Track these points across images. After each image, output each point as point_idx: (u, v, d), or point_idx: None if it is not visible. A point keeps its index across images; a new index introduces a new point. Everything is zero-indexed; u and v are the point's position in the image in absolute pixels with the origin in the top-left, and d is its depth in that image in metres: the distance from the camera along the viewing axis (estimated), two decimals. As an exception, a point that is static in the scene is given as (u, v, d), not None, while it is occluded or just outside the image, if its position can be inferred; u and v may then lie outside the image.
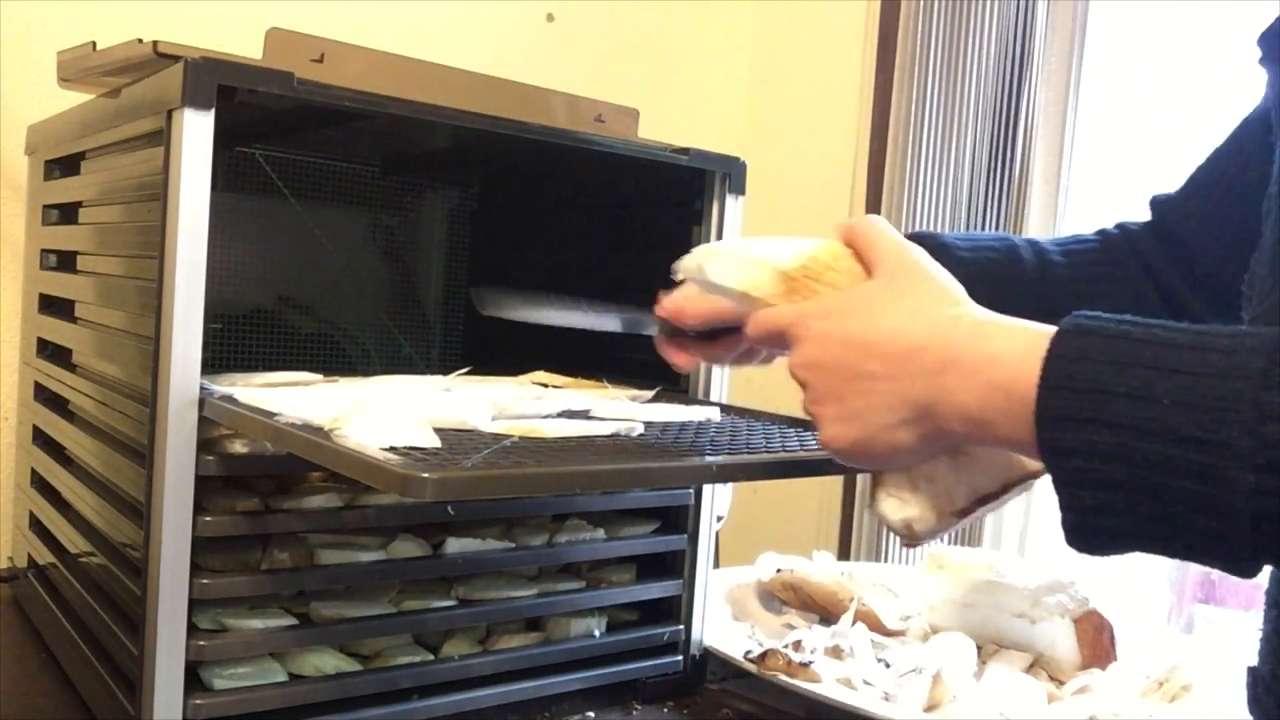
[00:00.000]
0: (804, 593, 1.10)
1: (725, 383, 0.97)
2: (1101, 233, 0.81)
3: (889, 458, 0.56)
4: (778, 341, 0.60)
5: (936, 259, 0.68)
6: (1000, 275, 0.76)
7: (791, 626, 1.07)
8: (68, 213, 0.94)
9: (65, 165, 0.96)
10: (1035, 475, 0.60)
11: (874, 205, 1.46)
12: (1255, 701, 0.66)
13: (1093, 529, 0.47)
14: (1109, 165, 1.39)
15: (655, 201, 1.03)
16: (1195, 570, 1.42)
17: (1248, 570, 0.45)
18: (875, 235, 0.60)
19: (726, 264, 0.63)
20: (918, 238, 0.73)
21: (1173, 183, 0.80)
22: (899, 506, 0.59)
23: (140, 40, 0.72)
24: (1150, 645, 1.04)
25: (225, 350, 1.13)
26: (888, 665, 0.97)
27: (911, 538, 0.60)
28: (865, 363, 0.55)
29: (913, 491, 0.59)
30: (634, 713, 0.91)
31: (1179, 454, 0.44)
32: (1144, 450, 0.44)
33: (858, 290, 0.58)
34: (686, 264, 0.66)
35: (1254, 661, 0.67)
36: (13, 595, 1.03)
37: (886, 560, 1.44)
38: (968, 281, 0.66)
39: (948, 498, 0.59)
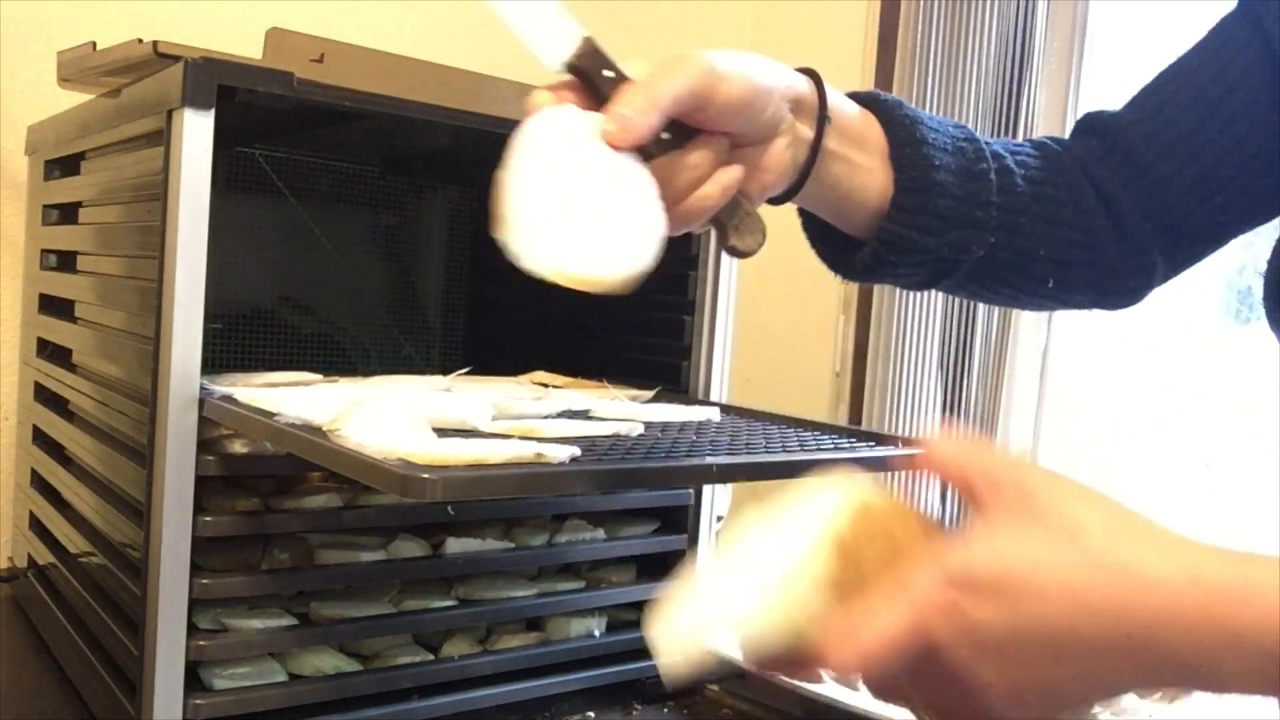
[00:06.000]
0: (804, 593, 1.10)
1: (725, 383, 0.97)
2: (1039, 146, 0.69)
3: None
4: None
5: (903, 135, 0.62)
6: (970, 170, 0.64)
7: (791, 626, 1.07)
8: (68, 213, 0.94)
9: (65, 165, 0.96)
10: None
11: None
12: None
13: None
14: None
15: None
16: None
17: None
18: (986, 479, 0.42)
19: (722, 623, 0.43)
20: (869, 99, 0.65)
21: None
22: None
23: (140, 40, 0.72)
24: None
25: (225, 350, 1.13)
26: (888, 665, 0.97)
27: None
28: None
29: None
30: (634, 713, 0.91)
31: None
32: None
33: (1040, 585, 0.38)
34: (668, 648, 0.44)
35: None
36: (13, 595, 1.03)
37: (886, 560, 1.43)
38: (940, 170, 0.61)
39: None
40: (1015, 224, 0.65)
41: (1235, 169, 0.64)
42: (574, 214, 0.53)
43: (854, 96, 0.65)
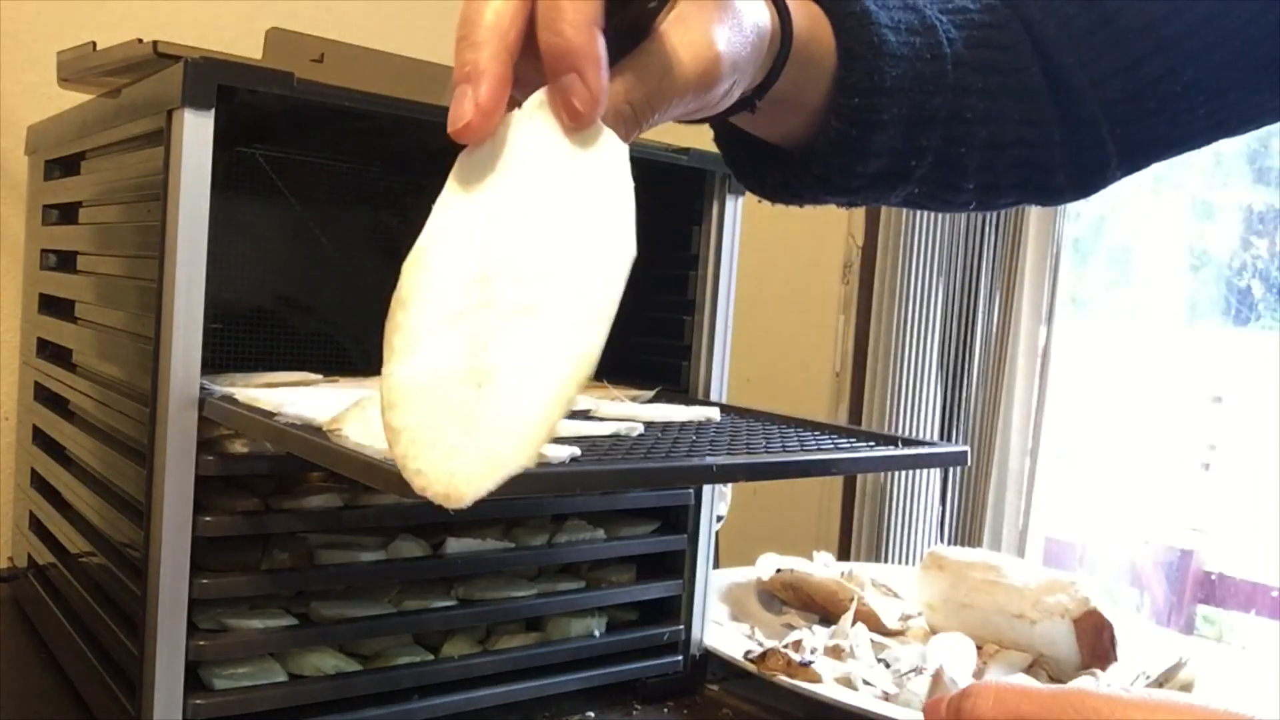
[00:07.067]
0: (804, 593, 1.10)
1: (725, 383, 0.97)
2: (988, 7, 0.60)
3: None
4: None
5: (852, 39, 0.52)
6: (915, 98, 0.55)
7: (791, 626, 1.07)
8: (68, 213, 0.94)
9: (65, 165, 0.96)
10: None
11: (873, 205, 1.46)
12: None
13: None
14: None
15: (654, 201, 1.03)
16: (1195, 570, 1.42)
17: None
18: None
19: None
20: (843, 30, 0.54)
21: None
22: None
23: (140, 40, 0.72)
24: (1150, 645, 1.04)
25: (225, 350, 1.13)
26: (888, 665, 0.97)
27: None
28: None
29: None
30: (634, 713, 0.91)
31: None
32: None
33: None
34: None
35: None
36: (13, 595, 1.03)
37: (886, 560, 1.44)
38: (876, 111, 0.53)
39: None
40: (965, 108, 0.56)
41: (1222, 62, 0.57)
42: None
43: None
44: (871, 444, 0.78)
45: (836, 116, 0.54)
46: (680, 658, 0.96)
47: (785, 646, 0.94)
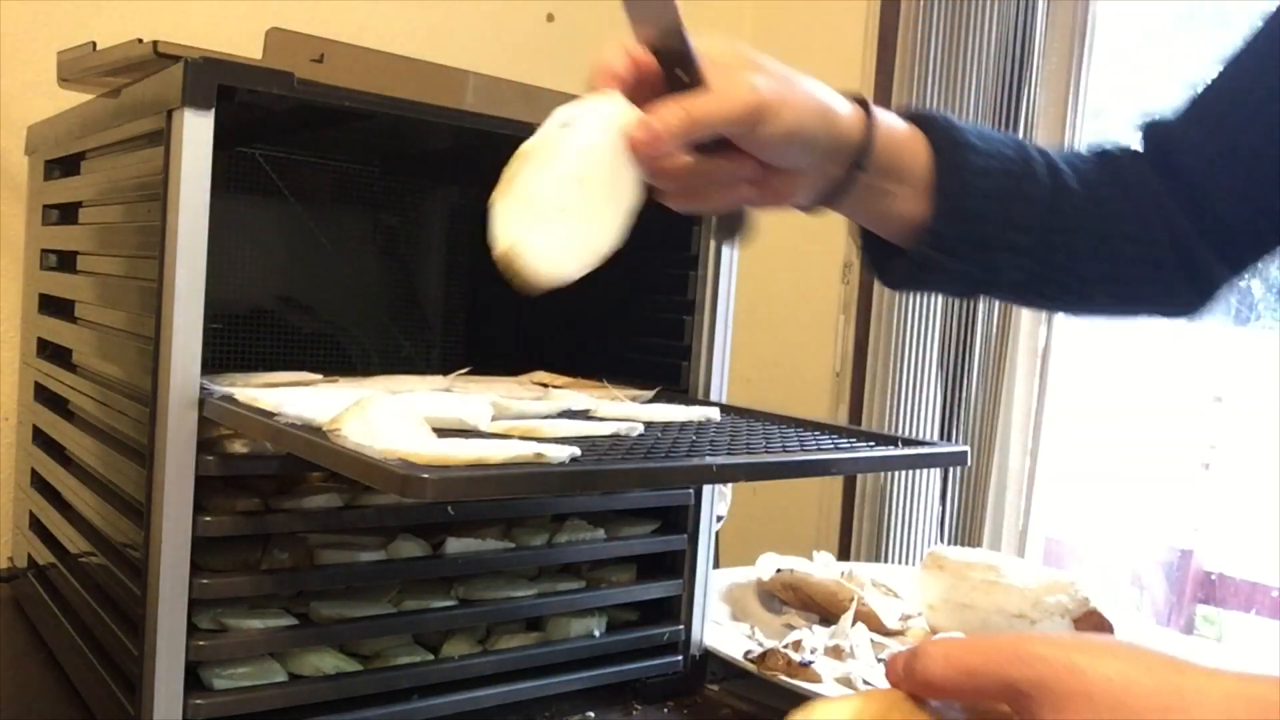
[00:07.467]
0: (804, 593, 1.10)
1: (725, 383, 0.97)
2: (1102, 155, 0.69)
3: None
4: None
5: (946, 161, 0.62)
6: (1013, 195, 0.64)
7: (791, 626, 1.07)
8: (68, 213, 0.94)
9: (65, 165, 0.96)
10: None
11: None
12: None
13: None
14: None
15: (655, 201, 1.03)
16: (1195, 570, 1.42)
17: None
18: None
19: None
20: (922, 119, 0.65)
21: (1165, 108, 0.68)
22: None
23: (140, 40, 0.72)
24: (1150, 645, 1.04)
25: (225, 350, 1.13)
26: (888, 665, 0.96)
27: None
28: None
29: None
30: (634, 713, 0.91)
31: None
32: None
33: None
34: None
35: None
36: (13, 595, 1.03)
37: (886, 560, 1.44)
38: (979, 197, 0.61)
39: None
40: (1061, 243, 0.65)
41: None
42: (550, 208, 0.56)
43: (905, 114, 0.65)
44: (871, 444, 0.78)
45: (928, 230, 0.63)
46: (680, 658, 0.96)
47: (785, 646, 0.94)
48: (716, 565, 1.08)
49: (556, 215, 0.55)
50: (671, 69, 0.56)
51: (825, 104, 0.59)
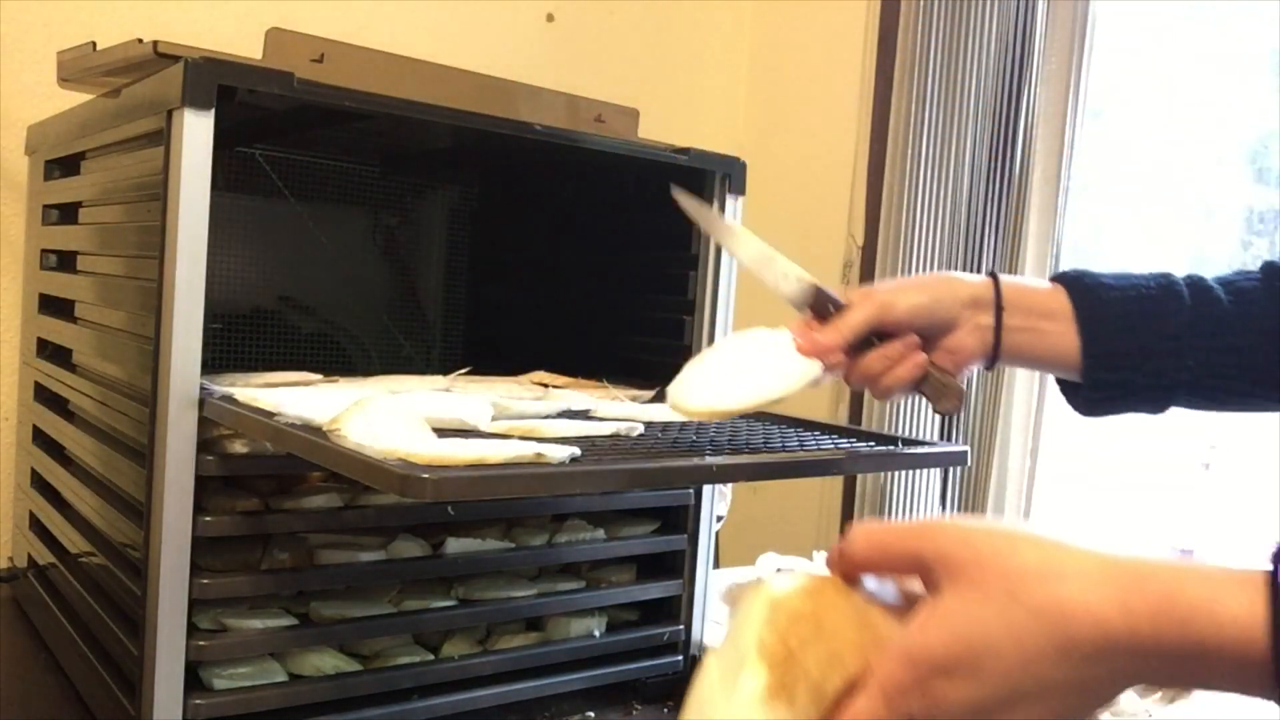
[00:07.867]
0: (804, 593, 1.10)
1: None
2: (1268, 265, 0.75)
3: None
4: None
5: (1078, 291, 0.73)
6: (1153, 311, 0.73)
7: (791, 626, 1.07)
8: (68, 213, 0.94)
9: (65, 165, 0.96)
10: None
11: (874, 205, 1.46)
12: None
13: None
14: (1109, 165, 1.39)
15: (655, 201, 1.03)
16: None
17: None
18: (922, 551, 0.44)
19: None
20: (1067, 278, 0.76)
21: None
22: None
23: (140, 40, 0.72)
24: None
25: (225, 350, 1.13)
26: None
27: None
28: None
29: None
30: (634, 713, 0.91)
31: None
32: None
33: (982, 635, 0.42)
34: None
35: None
36: (13, 595, 1.03)
37: (886, 560, 1.43)
38: (1115, 318, 0.69)
39: None
40: (1220, 345, 0.72)
41: None
42: (719, 372, 0.72)
43: (1055, 278, 0.77)
44: (871, 444, 0.79)
45: (1082, 351, 0.75)
46: (680, 657, 0.96)
47: (785, 646, 0.94)
48: (716, 565, 1.08)
49: (716, 376, 0.72)
50: (824, 308, 0.74)
51: (941, 276, 0.78)
